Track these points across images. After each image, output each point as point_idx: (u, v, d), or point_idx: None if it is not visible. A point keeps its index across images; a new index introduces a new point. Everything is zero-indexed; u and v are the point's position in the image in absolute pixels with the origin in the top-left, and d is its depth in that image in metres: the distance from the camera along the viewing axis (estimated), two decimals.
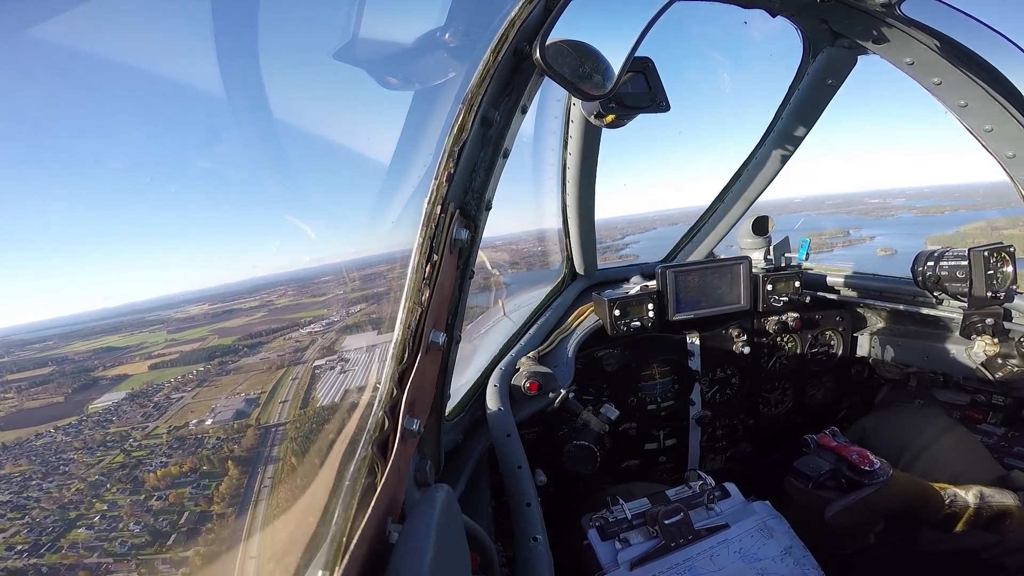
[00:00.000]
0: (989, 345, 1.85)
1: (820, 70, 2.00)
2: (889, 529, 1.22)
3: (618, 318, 2.20)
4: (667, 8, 1.06)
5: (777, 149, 2.43)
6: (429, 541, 0.75)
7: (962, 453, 1.68)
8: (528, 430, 2.13)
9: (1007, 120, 1.54)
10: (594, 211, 2.45)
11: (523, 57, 1.00)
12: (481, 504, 1.44)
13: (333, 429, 1.31)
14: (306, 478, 1.19)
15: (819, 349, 2.64)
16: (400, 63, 1.23)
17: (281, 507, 1.24)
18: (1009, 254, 1.84)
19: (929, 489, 1.22)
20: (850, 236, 21.23)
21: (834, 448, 1.24)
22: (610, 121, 1.23)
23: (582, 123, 1.99)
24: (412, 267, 0.94)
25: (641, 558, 1.16)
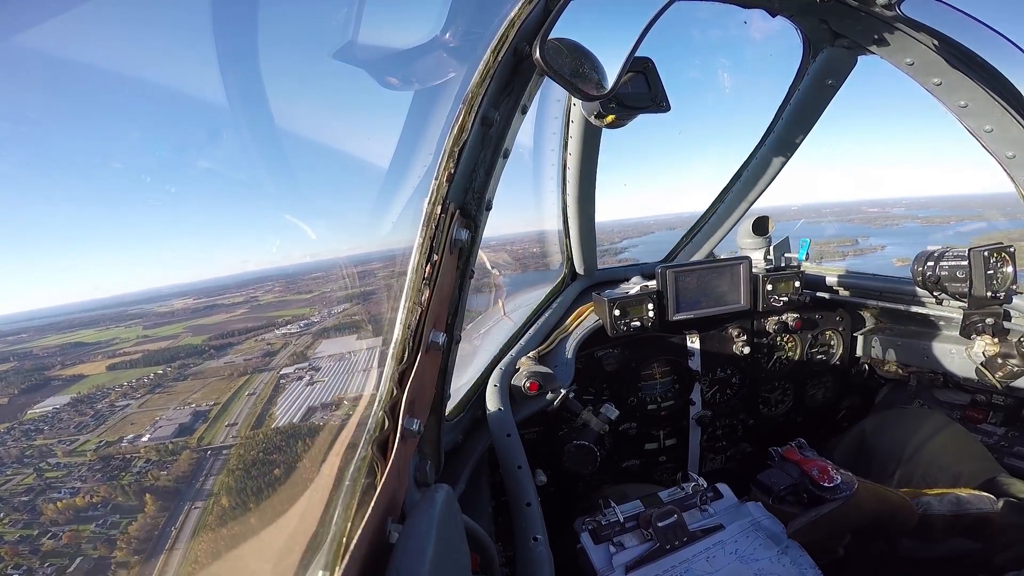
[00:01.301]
0: (989, 345, 1.85)
1: (820, 70, 2.00)
2: (862, 539, 1.22)
3: (618, 318, 2.20)
4: (667, 8, 1.06)
5: (777, 149, 2.43)
6: (429, 541, 0.75)
7: (962, 454, 1.68)
8: (528, 430, 2.13)
9: (1007, 121, 1.54)
10: (594, 211, 2.45)
11: (523, 57, 1.00)
12: (481, 504, 1.44)
13: (333, 429, 1.29)
14: (306, 478, 1.17)
15: (819, 349, 2.64)
16: (400, 63, 1.23)
17: (281, 507, 1.20)
18: (1009, 254, 1.84)
19: (896, 499, 1.21)
20: (859, 245, 21.15)
21: (797, 461, 1.24)
22: (610, 121, 1.23)
23: (582, 123, 1.99)
24: (412, 267, 0.94)
25: (637, 561, 1.15)
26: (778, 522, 1.24)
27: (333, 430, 1.25)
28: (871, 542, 1.25)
